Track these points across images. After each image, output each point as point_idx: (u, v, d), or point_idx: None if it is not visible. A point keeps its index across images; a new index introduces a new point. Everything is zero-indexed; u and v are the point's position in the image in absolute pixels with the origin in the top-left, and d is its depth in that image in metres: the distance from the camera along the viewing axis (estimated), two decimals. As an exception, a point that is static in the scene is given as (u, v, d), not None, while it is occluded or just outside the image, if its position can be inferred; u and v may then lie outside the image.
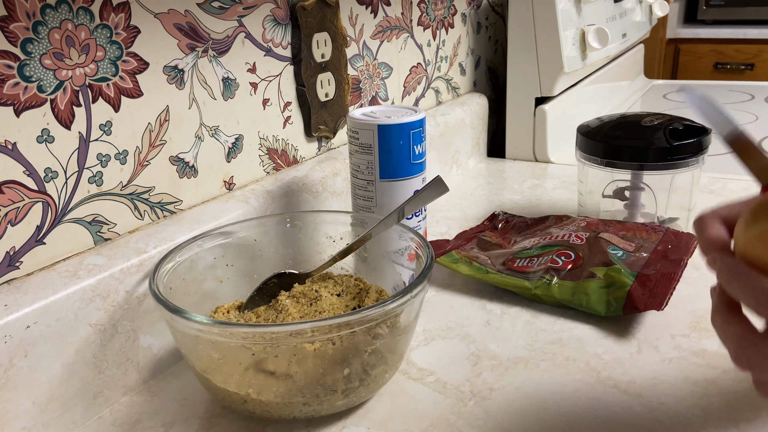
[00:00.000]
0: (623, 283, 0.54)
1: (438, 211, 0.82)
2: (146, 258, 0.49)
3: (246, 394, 0.42)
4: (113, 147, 0.49)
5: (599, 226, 0.64)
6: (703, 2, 2.59)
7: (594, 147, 0.68)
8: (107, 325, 0.46)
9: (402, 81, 0.86)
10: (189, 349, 0.44)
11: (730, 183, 0.86)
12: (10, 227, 0.43)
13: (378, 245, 0.55)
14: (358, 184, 0.59)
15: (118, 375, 0.47)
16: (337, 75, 0.71)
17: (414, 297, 0.43)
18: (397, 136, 0.56)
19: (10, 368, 0.41)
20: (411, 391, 0.47)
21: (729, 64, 2.50)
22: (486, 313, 0.57)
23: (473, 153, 1.00)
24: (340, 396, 0.43)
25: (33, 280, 0.44)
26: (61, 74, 0.45)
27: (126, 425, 0.45)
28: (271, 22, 0.63)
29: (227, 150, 0.60)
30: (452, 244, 0.67)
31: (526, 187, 0.90)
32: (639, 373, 0.48)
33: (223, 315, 0.50)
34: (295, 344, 0.40)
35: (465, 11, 1.00)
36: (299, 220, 0.56)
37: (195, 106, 0.56)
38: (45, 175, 0.45)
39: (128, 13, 0.49)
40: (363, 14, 0.76)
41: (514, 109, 1.00)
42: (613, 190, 0.71)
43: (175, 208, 0.56)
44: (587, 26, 1.01)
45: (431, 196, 0.52)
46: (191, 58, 0.54)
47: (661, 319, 0.55)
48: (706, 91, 1.46)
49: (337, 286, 0.52)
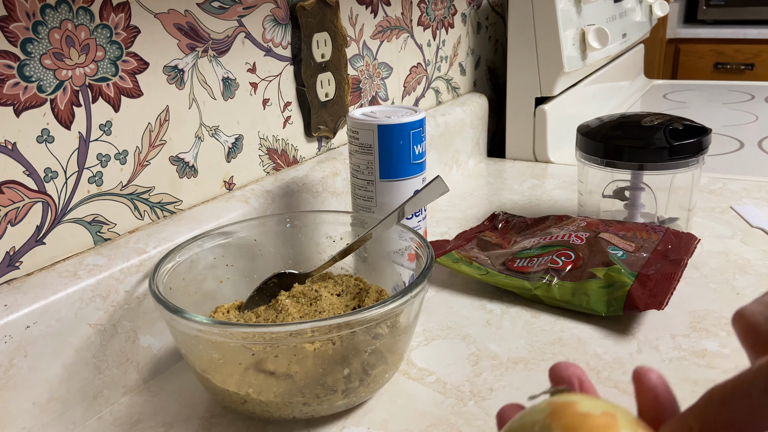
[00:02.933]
0: (623, 283, 0.54)
1: (438, 211, 0.82)
2: (146, 258, 0.49)
3: (246, 394, 0.42)
4: (113, 147, 0.49)
5: (599, 226, 0.64)
6: (703, 2, 2.59)
7: (594, 147, 0.68)
8: (107, 325, 0.46)
9: (402, 81, 0.86)
10: (189, 349, 0.44)
11: (730, 183, 0.86)
12: (10, 227, 0.43)
13: (378, 245, 0.55)
14: (358, 184, 0.59)
15: (118, 375, 0.47)
16: (337, 75, 0.71)
17: (414, 297, 0.43)
18: (397, 136, 0.56)
19: (10, 368, 0.40)
20: (411, 391, 0.47)
21: (729, 64, 2.50)
22: (486, 313, 0.57)
23: (473, 153, 1.00)
24: (340, 396, 0.43)
25: (33, 280, 0.44)
26: (61, 74, 0.45)
27: (126, 425, 0.45)
28: (271, 22, 0.63)
29: (227, 150, 0.60)
30: (452, 244, 0.67)
31: (526, 187, 0.90)
32: (639, 373, 0.48)
33: (223, 315, 0.50)
34: (295, 344, 0.40)
35: (465, 11, 1.00)
36: (299, 220, 0.56)
37: (195, 106, 0.56)
38: (45, 175, 0.45)
39: (128, 13, 0.48)
40: (363, 14, 0.76)
41: (514, 109, 1.00)
42: (613, 190, 0.71)
43: (175, 208, 0.56)
44: (587, 26, 1.01)
45: (431, 196, 0.52)
46: (191, 58, 0.54)
47: (661, 319, 0.55)
48: (706, 91, 1.46)
49: (337, 286, 0.52)
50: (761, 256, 0.65)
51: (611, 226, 0.64)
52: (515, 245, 0.65)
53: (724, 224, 0.73)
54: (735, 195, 0.82)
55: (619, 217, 0.72)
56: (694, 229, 0.72)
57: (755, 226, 0.72)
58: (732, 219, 0.75)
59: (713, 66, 2.53)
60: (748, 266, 0.63)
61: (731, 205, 0.79)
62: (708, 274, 0.62)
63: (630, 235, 0.63)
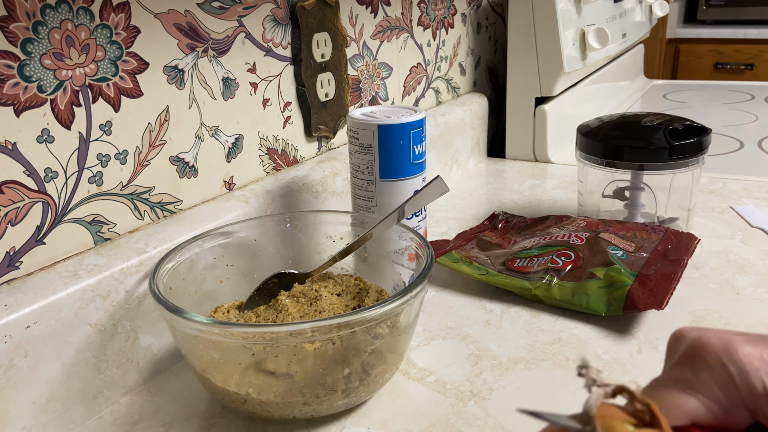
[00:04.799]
0: (623, 283, 0.54)
1: (438, 211, 0.82)
2: (146, 258, 0.49)
3: (246, 394, 0.42)
4: (113, 147, 0.49)
5: (599, 226, 0.64)
6: (703, 2, 2.59)
7: (594, 147, 0.68)
8: (107, 325, 0.46)
9: (402, 81, 0.86)
10: (189, 349, 0.44)
11: (730, 183, 0.86)
12: (10, 227, 0.43)
13: (378, 245, 0.55)
14: (358, 184, 0.59)
15: (118, 375, 0.47)
16: (337, 75, 0.71)
17: (414, 297, 0.43)
18: (397, 136, 0.56)
19: (10, 368, 0.41)
20: (411, 391, 0.47)
21: (729, 64, 2.50)
22: (486, 313, 0.57)
23: (473, 153, 1.00)
24: (340, 396, 0.43)
25: (33, 280, 0.44)
26: (61, 74, 0.45)
27: (126, 425, 0.45)
28: (271, 22, 0.63)
29: (227, 150, 0.60)
30: (452, 244, 0.67)
31: (526, 187, 0.90)
32: (639, 373, 0.48)
33: (223, 315, 0.50)
34: (295, 344, 0.40)
35: (465, 11, 1.00)
36: (299, 220, 0.56)
37: (195, 106, 0.56)
38: (45, 175, 0.45)
39: (128, 13, 0.49)
40: (363, 14, 0.76)
41: (514, 109, 1.00)
42: (613, 190, 0.71)
43: (175, 208, 0.56)
44: (587, 26, 1.01)
45: (431, 196, 0.52)
46: (191, 58, 0.54)
47: (661, 319, 0.55)
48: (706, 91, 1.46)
49: (337, 285, 0.52)
50: (761, 256, 0.65)
51: (611, 226, 0.64)
52: (515, 245, 0.65)
53: (724, 224, 0.73)
54: (735, 195, 0.82)
55: (619, 217, 0.72)
56: (694, 229, 0.72)
57: (755, 226, 0.72)
58: (732, 219, 0.75)
59: (713, 66, 2.53)
60: (748, 266, 0.63)
61: (731, 205, 0.79)
62: (708, 274, 0.62)
63: (630, 235, 0.63)
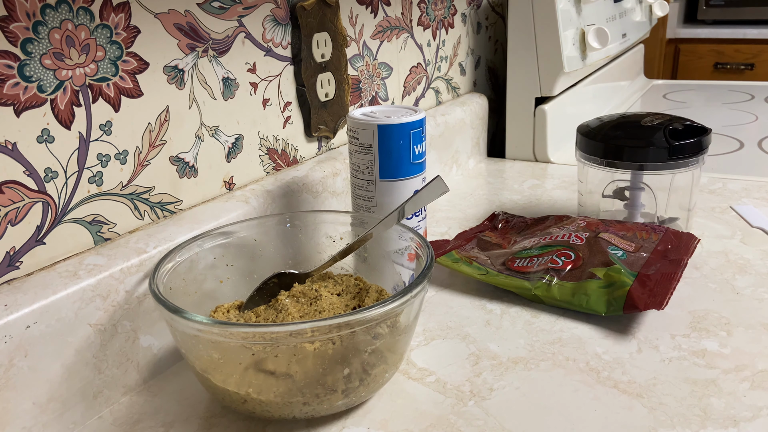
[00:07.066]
0: (623, 283, 0.54)
1: (438, 211, 0.82)
2: (146, 258, 0.49)
3: (246, 394, 0.42)
4: (113, 147, 0.49)
5: (599, 226, 0.64)
6: (703, 2, 2.59)
7: (594, 147, 0.68)
8: (107, 325, 0.46)
9: (402, 81, 0.86)
10: (189, 349, 0.44)
11: (730, 183, 0.86)
12: (10, 227, 0.43)
13: (378, 245, 0.55)
14: (358, 184, 0.59)
15: (118, 375, 0.47)
16: (337, 75, 0.72)
17: (414, 297, 0.43)
18: (397, 136, 0.56)
19: (10, 368, 0.41)
20: (411, 391, 0.47)
21: (729, 64, 2.50)
22: (486, 313, 0.57)
23: (473, 153, 1.00)
24: (340, 396, 0.43)
25: (33, 280, 0.44)
26: (61, 74, 0.45)
27: (126, 425, 0.45)
28: (271, 22, 0.63)
29: (227, 150, 0.60)
30: (452, 244, 0.67)
31: (526, 187, 0.90)
32: (639, 373, 0.48)
33: (223, 315, 0.50)
34: (295, 344, 0.40)
35: (465, 11, 1.00)
36: (299, 220, 0.56)
37: (195, 106, 0.56)
38: (45, 175, 0.45)
39: (128, 13, 0.49)
40: (363, 14, 0.76)
41: (514, 109, 1.00)
42: (613, 190, 0.71)
43: (175, 208, 0.56)
44: (587, 26, 1.01)
45: (431, 196, 0.52)
46: (191, 58, 0.54)
47: (661, 319, 0.55)
48: (706, 91, 1.46)
49: (337, 285, 0.52)
50: (761, 256, 0.65)
51: (611, 226, 0.64)
52: (515, 245, 0.65)
53: (724, 224, 0.73)
54: (735, 195, 0.82)
55: (619, 217, 0.72)
56: (694, 229, 0.72)
57: (755, 226, 0.72)
58: (732, 219, 0.75)
59: (713, 66, 2.53)
60: (748, 266, 0.63)
61: (731, 205, 0.79)
62: (708, 274, 0.62)
63: (630, 235, 0.63)
